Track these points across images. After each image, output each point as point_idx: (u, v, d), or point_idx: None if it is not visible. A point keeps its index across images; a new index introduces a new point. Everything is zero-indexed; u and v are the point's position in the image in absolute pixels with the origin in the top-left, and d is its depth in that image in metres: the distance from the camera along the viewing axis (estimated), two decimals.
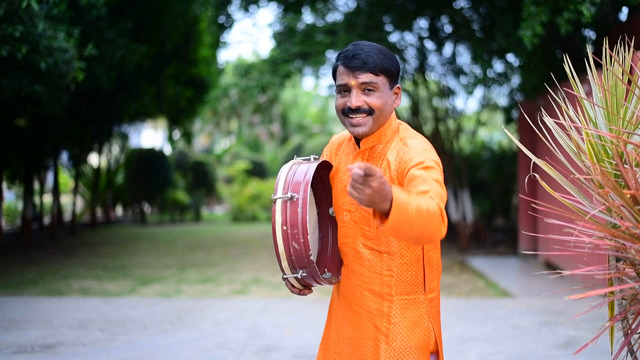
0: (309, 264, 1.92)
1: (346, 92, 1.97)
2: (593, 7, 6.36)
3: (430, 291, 2.08)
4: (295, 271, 1.95)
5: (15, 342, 5.09)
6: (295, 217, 1.90)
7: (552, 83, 7.65)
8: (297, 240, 1.90)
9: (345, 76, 1.96)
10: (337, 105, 2.00)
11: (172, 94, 15.05)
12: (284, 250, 1.92)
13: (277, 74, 9.85)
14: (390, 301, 2.00)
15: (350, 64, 1.95)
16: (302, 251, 1.91)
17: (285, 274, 1.97)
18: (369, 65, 1.94)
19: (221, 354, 4.85)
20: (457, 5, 11.13)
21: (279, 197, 1.93)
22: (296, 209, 1.90)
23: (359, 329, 2.04)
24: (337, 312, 2.15)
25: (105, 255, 11.31)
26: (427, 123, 13.44)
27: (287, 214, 1.91)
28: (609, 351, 2.19)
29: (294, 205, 1.91)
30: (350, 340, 2.07)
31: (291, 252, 1.92)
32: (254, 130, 31.48)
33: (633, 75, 2.04)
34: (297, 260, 1.92)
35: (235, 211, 21.77)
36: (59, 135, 13.65)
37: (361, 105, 1.95)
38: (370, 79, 1.94)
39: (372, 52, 1.97)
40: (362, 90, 1.95)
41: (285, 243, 1.91)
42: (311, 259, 1.91)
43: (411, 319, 2.01)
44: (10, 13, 6.04)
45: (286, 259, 1.93)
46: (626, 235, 1.77)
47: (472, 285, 8.04)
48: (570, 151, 2.08)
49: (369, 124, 1.97)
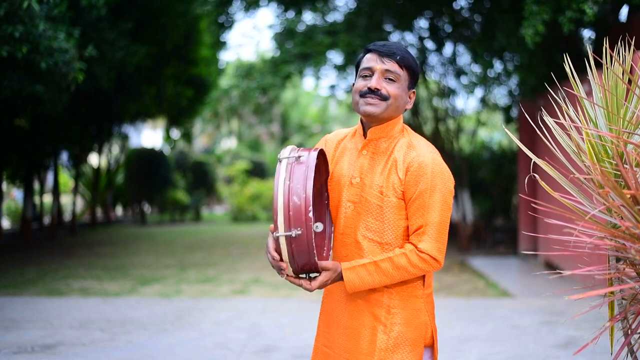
0: (307, 222, 1.87)
1: (368, 76, 2.06)
2: (596, 5, 6.36)
3: (428, 287, 2.12)
4: (289, 230, 1.88)
5: (15, 342, 5.09)
6: (300, 173, 1.91)
7: (552, 83, 7.65)
8: (299, 194, 1.88)
9: (372, 61, 2.05)
10: (356, 88, 2.07)
11: (172, 94, 15.05)
12: (282, 203, 1.88)
13: (278, 75, 9.85)
14: (390, 293, 2.05)
15: (381, 50, 2.05)
16: (301, 206, 1.87)
17: (278, 231, 1.89)
18: (397, 56, 2.04)
19: (221, 354, 4.85)
20: (457, 5, 11.13)
21: (285, 157, 1.95)
22: (302, 166, 1.92)
23: (356, 318, 2.07)
24: (331, 304, 2.17)
25: (105, 255, 11.31)
26: (427, 123, 13.45)
27: (292, 170, 1.92)
28: (609, 351, 2.19)
29: (300, 164, 1.93)
30: (346, 330, 2.09)
31: (290, 206, 1.87)
32: (254, 131, 31.49)
33: (633, 75, 2.03)
34: (294, 216, 1.87)
35: (235, 211, 21.77)
36: (59, 135, 13.66)
37: (380, 88, 2.03)
38: (395, 69, 2.04)
39: (402, 48, 2.09)
40: (384, 77, 2.04)
41: (286, 196, 1.88)
42: (310, 215, 1.87)
43: (410, 311, 2.05)
44: (10, 13, 6.04)
45: (283, 214, 1.88)
46: (626, 235, 1.77)
47: (472, 285, 8.03)
48: (571, 151, 2.08)
49: (381, 106, 2.04)
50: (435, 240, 1.99)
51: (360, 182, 2.07)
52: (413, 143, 2.08)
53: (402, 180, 2.03)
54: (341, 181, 2.13)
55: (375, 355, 2.02)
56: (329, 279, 1.97)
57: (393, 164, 2.05)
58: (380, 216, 2.04)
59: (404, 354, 2.03)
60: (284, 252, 1.91)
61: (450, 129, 12.80)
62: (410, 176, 2.02)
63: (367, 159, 2.10)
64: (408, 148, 2.06)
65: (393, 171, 2.04)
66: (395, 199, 2.03)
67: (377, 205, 2.04)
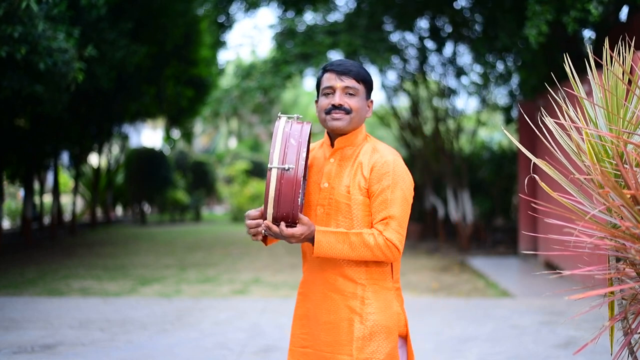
0: (298, 161, 2.04)
1: (330, 94, 2.26)
2: (600, 5, 6.35)
3: (396, 281, 2.30)
4: (282, 164, 2.04)
5: (15, 342, 5.09)
6: (298, 126, 2.14)
7: (552, 83, 7.65)
8: (296, 138, 2.09)
9: (332, 80, 2.26)
10: (321, 106, 2.28)
11: (172, 94, 15.05)
12: (280, 141, 2.07)
13: (279, 75, 9.85)
14: (364, 285, 2.22)
15: (338, 69, 2.26)
16: (297, 147, 2.07)
17: (272, 164, 2.04)
18: (353, 73, 2.26)
19: (221, 354, 4.85)
20: (458, 5, 11.13)
21: (285, 116, 2.17)
22: (300, 125, 2.15)
23: (333, 313, 2.23)
24: (306, 305, 2.31)
25: (105, 255, 11.31)
26: (427, 123, 13.44)
27: (291, 124, 2.14)
28: (609, 351, 2.19)
29: (299, 123, 2.17)
30: (326, 325, 2.24)
31: (286, 145, 2.06)
32: (254, 130, 31.48)
33: (633, 75, 2.03)
34: (289, 153, 2.05)
35: (235, 211, 21.76)
36: (59, 135, 13.66)
37: (343, 103, 2.24)
38: (353, 84, 2.25)
39: (355, 64, 2.30)
40: (345, 93, 2.25)
41: (285, 137, 2.08)
42: (302, 155, 2.05)
43: (383, 301, 2.23)
44: (10, 13, 6.03)
45: (280, 150, 2.05)
46: (626, 235, 1.77)
47: (472, 285, 8.03)
48: (571, 151, 2.07)
49: (346, 120, 2.25)
50: (397, 232, 2.18)
51: (328, 186, 2.27)
52: (377, 148, 2.30)
53: (367, 178, 2.23)
54: (311, 187, 2.33)
55: (354, 344, 2.17)
56: (303, 233, 2.11)
57: (359, 166, 2.25)
58: (348, 214, 2.22)
59: (379, 341, 2.19)
60: (272, 189, 2.04)
61: (450, 129, 12.79)
62: (374, 174, 2.22)
63: (335, 165, 2.30)
64: (372, 152, 2.28)
65: (359, 172, 2.24)
66: (361, 197, 2.22)
67: (346, 204, 2.23)
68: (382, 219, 2.18)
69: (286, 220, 2.07)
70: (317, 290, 2.27)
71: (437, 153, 12.56)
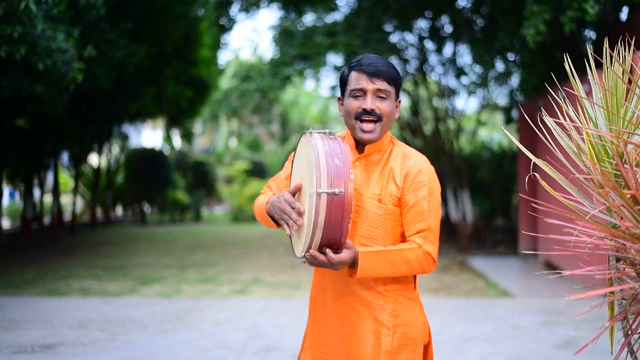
0: (347, 183, 1.88)
1: (360, 96, 2.10)
2: (597, 5, 6.36)
3: (416, 288, 2.21)
4: (331, 188, 1.88)
5: (15, 342, 5.09)
6: (336, 143, 1.96)
7: (552, 83, 7.65)
8: (339, 157, 1.91)
9: (363, 81, 2.08)
10: (350, 109, 2.10)
11: (172, 94, 15.05)
12: (325, 163, 1.89)
13: (278, 76, 9.85)
14: (391, 297, 2.11)
15: (368, 70, 2.08)
16: (343, 168, 1.90)
17: (320, 188, 1.87)
18: (385, 74, 2.08)
19: (221, 354, 4.85)
20: (459, 6, 11.13)
21: (316, 131, 1.99)
22: (334, 139, 1.98)
23: (357, 325, 2.10)
24: (324, 312, 2.17)
25: (105, 255, 11.31)
26: (427, 123, 13.44)
27: (327, 140, 1.96)
28: (609, 351, 2.19)
29: (333, 139, 1.98)
30: (348, 336, 2.10)
31: (332, 166, 1.89)
32: (253, 130, 31.48)
33: (633, 74, 2.03)
34: (336, 176, 1.88)
35: (235, 211, 21.77)
36: (59, 135, 13.66)
37: (375, 108, 2.08)
38: (385, 87, 2.09)
39: (386, 63, 2.12)
40: (376, 96, 2.09)
41: (328, 157, 1.90)
42: (351, 177, 1.90)
43: (409, 312, 2.13)
44: (9, 14, 6.03)
45: (327, 173, 1.88)
46: (626, 235, 1.77)
47: (472, 285, 8.03)
48: (571, 151, 2.07)
49: (377, 131, 2.11)
50: (434, 244, 2.08)
51: (355, 193, 2.11)
52: (407, 153, 2.16)
53: (400, 187, 2.09)
54: None
55: (382, 357, 2.06)
56: (351, 258, 1.97)
57: (390, 173, 2.11)
58: (379, 224, 2.09)
59: (407, 354, 2.09)
60: (321, 216, 1.87)
61: (450, 129, 12.79)
62: (408, 183, 2.09)
63: (361, 170, 2.14)
64: (403, 158, 2.14)
65: (390, 180, 2.11)
66: (392, 207, 2.09)
67: (376, 213, 2.09)
68: (419, 231, 2.07)
69: (331, 246, 1.93)
70: (338, 299, 2.13)
71: (437, 153, 12.56)
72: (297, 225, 1.95)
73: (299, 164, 2.08)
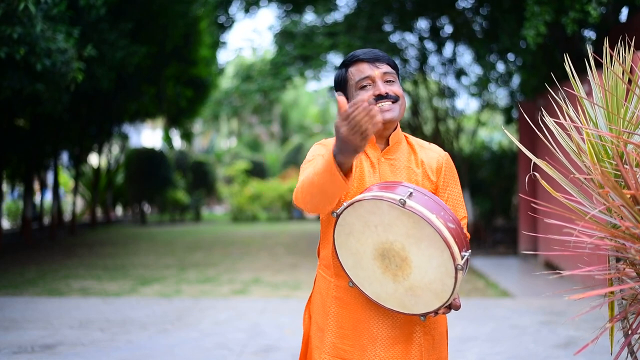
0: (467, 244, 1.86)
1: (368, 85, 2.04)
2: (599, 6, 6.34)
3: None
4: (465, 250, 1.84)
5: (15, 342, 5.09)
6: (434, 205, 1.83)
7: (552, 83, 7.65)
8: (451, 220, 1.83)
9: (367, 69, 2.04)
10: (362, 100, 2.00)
11: (172, 94, 15.06)
12: (448, 231, 1.78)
13: (278, 77, 9.85)
14: None
15: (368, 57, 2.05)
16: (459, 229, 1.83)
17: (456, 260, 1.78)
18: (385, 58, 2.07)
19: (221, 354, 4.85)
20: (459, 6, 11.13)
21: (408, 200, 1.80)
22: (423, 196, 1.84)
23: (396, 328, 2.06)
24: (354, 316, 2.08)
25: (105, 255, 11.31)
26: (427, 123, 13.45)
27: (423, 202, 1.81)
28: (609, 351, 2.19)
29: (422, 195, 1.84)
30: (387, 340, 2.05)
31: (453, 232, 1.80)
32: (253, 130, 31.48)
33: (633, 75, 2.03)
34: (459, 240, 1.82)
35: (235, 211, 21.77)
36: (59, 135, 13.67)
37: (389, 91, 2.02)
38: (389, 70, 2.05)
39: (380, 50, 2.11)
40: (384, 80, 2.04)
41: (444, 225, 1.78)
42: (467, 239, 1.87)
43: None
44: (9, 14, 6.03)
45: (454, 241, 1.79)
46: (626, 235, 1.77)
47: (472, 285, 8.03)
48: (571, 151, 2.07)
49: (396, 109, 2.04)
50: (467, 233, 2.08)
51: None
52: (421, 142, 2.16)
53: (432, 179, 2.08)
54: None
55: (422, 356, 2.07)
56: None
57: (421, 165, 2.08)
58: None
59: (442, 345, 2.16)
60: (457, 286, 1.84)
61: (450, 129, 12.80)
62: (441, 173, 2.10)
63: (387, 165, 2.07)
64: (423, 147, 2.13)
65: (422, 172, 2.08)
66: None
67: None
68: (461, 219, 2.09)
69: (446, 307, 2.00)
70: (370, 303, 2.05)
71: None
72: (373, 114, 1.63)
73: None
